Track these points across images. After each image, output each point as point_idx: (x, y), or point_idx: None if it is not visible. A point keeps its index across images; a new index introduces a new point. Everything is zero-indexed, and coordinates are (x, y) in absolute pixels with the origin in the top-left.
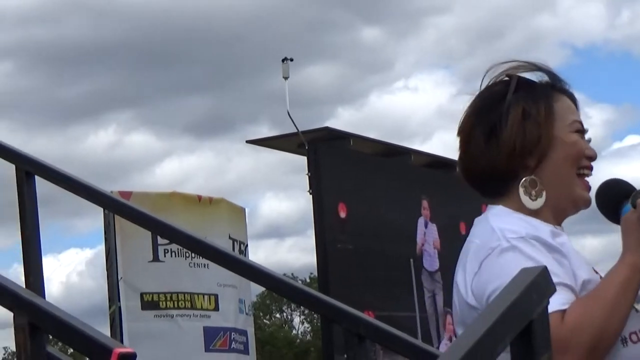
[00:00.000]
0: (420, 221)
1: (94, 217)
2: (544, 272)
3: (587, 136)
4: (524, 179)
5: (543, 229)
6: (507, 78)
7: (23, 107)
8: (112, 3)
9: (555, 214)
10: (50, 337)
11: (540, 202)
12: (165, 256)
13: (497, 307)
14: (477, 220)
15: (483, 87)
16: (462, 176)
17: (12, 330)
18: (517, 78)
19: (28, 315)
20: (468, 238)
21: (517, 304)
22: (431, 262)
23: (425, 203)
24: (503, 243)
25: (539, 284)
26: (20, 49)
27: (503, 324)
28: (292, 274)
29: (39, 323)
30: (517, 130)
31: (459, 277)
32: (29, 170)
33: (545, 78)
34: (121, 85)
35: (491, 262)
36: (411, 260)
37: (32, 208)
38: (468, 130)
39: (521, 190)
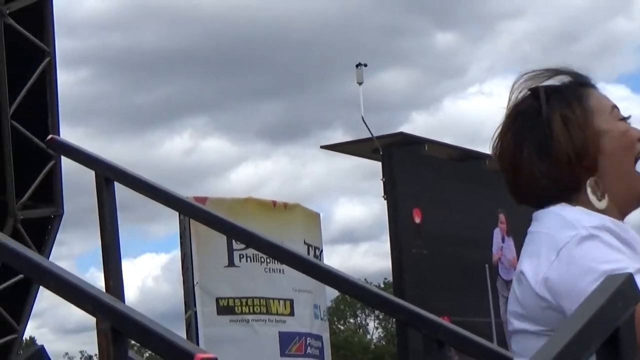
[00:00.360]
0: (497, 233)
1: (170, 222)
2: (629, 279)
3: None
4: (588, 180)
5: (614, 223)
6: (530, 92)
7: (100, 113)
8: (188, 10)
9: (620, 209)
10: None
11: (605, 201)
12: (240, 261)
13: (583, 315)
14: (540, 214)
15: (509, 106)
16: (517, 199)
17: (87, 335)
18: (544, 88)
19: (110, 320)
20: (531, 229)
21: (602, 312)
22: (507, 273)
23: (502, 217)
24: (581, 231)
25: (624, 291)
26: (97, 56)
27: (589, 332)
28: (366, 279)
29: (121, 328)
30: (565, 140)
31: (526, 266)
32: (108, 176)
33: (567, 79)
34: (197, 91)
35: (571, 251)
36: (486, 265)
37: (112, 214)
38: (513, 154)
39: (589, 191)
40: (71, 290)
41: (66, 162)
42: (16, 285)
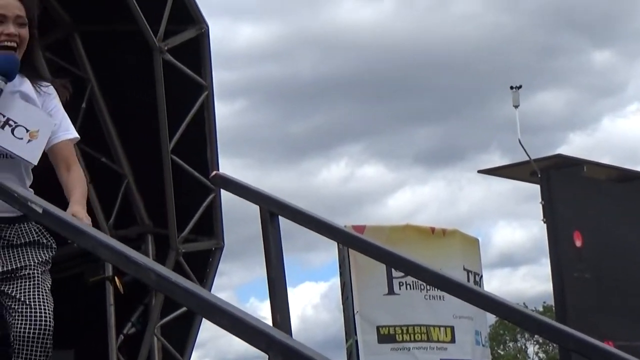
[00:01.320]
0: None
1: (328, 251)
2: None
3: None
4: None
5: None
6: None
7: (257, 144)
8: (342, 38)
9: None
10: None
11: None
12: (400, 289)
13: None
14: None
15: None
16: None
17: None
18: None
19: (283, 357)
20: None
21: None
22: None
23: None
24: None
25: None
26: (253, 87)
27: None
28: (524, 303)
29: None
30: None
31: None
32: (273, 210)
33: None
34: (352, 118)
35: None
36: None
37: (277, 248)
38: None
39: None
40: (244, 328)
41: (225, 193)
42: (180, 317)
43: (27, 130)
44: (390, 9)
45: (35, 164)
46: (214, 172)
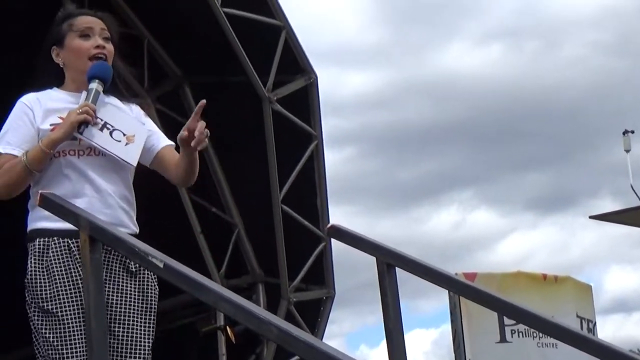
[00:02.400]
0: None
1: (437, 298)
2: None
3: None
4: None
5: None
6: None
7: (366, 191)
8: (450, 85)
9: None
10: None
11: None
12: (512, 337)
13: None
14: None
15: None
16: None
17: None
18: None
19: None
20: None
21: None
22: None
23: None
24: None
25: None
26: (362, 134)
27: None
28: (638, 349)
29: None
30: None
31: None
32: (389, 262)
33: None
34: (461, 165)
35: None
36: None
37: (394, 299)
38: None
39: None
40: None
41: (335, 241)
42: None
43: (124, 134)
44: (498, 55)
45: (135, 165)
46: (330, 224)
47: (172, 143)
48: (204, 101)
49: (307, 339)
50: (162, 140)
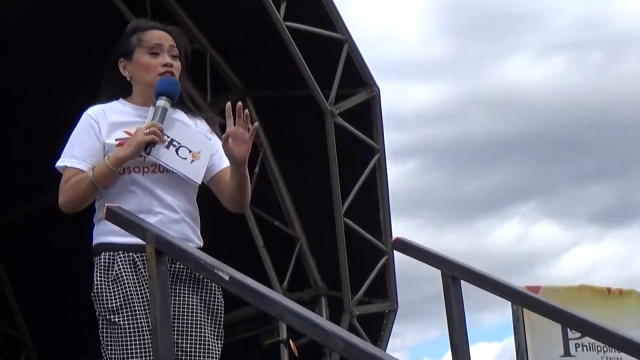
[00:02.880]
0: None
1: (501, 311)
2: None
3: None
4: None
5: None
6: None
7: (429, 204)
8: (512, 97)
9: None
10: None
11: None
12: (576, 350)
13: None
14: None
15: None
16: None
17: None
18: None
19: None
20: None
21: None
22: None
23: None
24: None
25: None
26: (424, 148)
27: None
28: None
29: None
30: None
31: None
32: (455, 275)
33: None
34: (524, 177)
35: None
36: None
37: (460, 312)
38: None
39: None
40: None
41: (397, 254)
42: None
43: (190, 151)
44: (561, 67)
45: (199, 183)
46: (395, 237)
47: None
48: (240, 103)
49: (373, 351)
50: (223, 161)
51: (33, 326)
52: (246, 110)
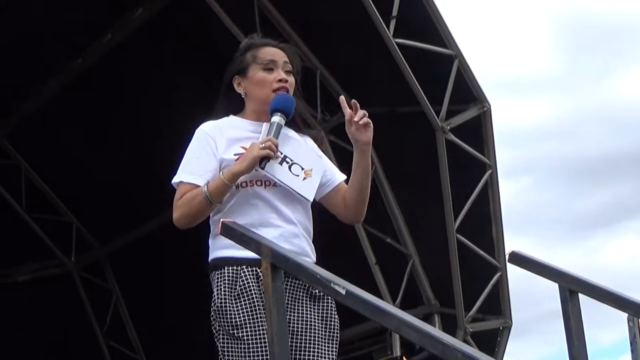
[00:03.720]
0: None
1: (615, 329)
2: None
3: None
4: None
5: None
6: None
7: (542, 222)
8: (628, 112)
9: None
10: None
11: None
12: None
13: None
14: None
15: None
16: None
17: None
18: None
19: None
20: None
21: None
22: None
23: None
24: None
25: None
26: (538, 164)
27: None
28: None
29: None
30: None
31: None
32: (572, 288)
33: None
34: (638, 194)
35: None
36: None
37: (579, 326)
38: None
39: None
40: None
41: (511, 271)
42: None
43: (302, 169)
44: None
45: (311, 200)
46: (510, 251)
47: (345, 178)
48: (342, 97)
49: None
50: (339, 175)
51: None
52: (353, 100)
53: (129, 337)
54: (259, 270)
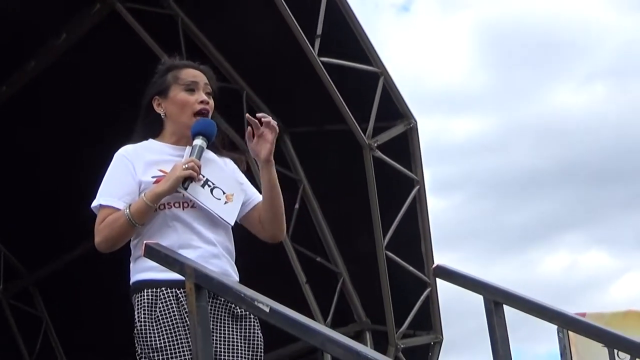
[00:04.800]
0: None
1: (550, 340)
2: None
3: None
4: None
5: None
6: None
7: (477, 236)
8: (555, 126)
9: None
10: None
11: None
12: None
13: None
14: None
15: None
16: None
17: None
18: None
19: None
20: None
21: None
22: None
23: None
24: None
25: None
26: (468, 180)
27: None
28: None
29: None
30: None
31: None
32: (497, 300)
33: None
34: (570, 207)
35: None
36: None
37: (504, 338)
38: None
39: None
40: None
41: (441, 287)
42: None
43: (224, 193)
44: (603, 95)
45: (232, 224)
46: (435, 264)
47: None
48: (258, 114)
49: None
50: (256, 195)
51: None
52: (265, 117)
53: None
54: (178, 292)
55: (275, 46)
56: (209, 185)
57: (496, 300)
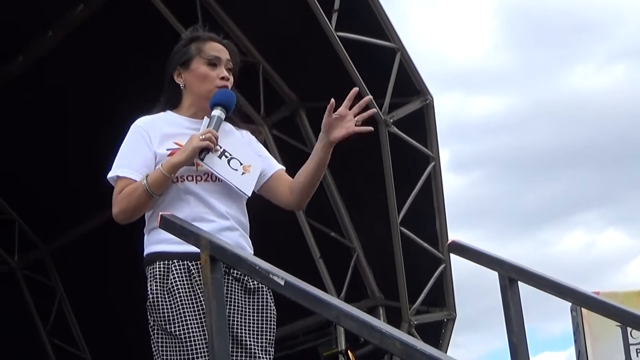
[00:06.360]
0: None
1: (563, 320)
2: None
3: None
4: None
5: None
6: None
7: (492, 215)
8: (576, 107)
9: None
10: None
11: None
12: (637, 356)
13: None
14: None
15: None
16: None
17: None
18: None
19: None
20: None
21: None
22: None
23: None
24: None
25: None
26: (489, 158)
27: None
28: None
29: None
30: None
31: None
32: (512, 276)
33: None
34: (589, 186)
35: None
36: None
37: (518, 314)
38: None
39: None
40: None
41: (456, 264)
42: None
43: (241, 164)
44: (623, 76)
45: (249, 195)
46: (450, 240)
47: (283, 167)
48: (356, 89)
49: (430, 351)
50: (274, 165)
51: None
52: (367, 97)
53: (73, 335)
54: (190, 265)
55: (292, 20)
56: (226, 156)
57: (511, 276)
